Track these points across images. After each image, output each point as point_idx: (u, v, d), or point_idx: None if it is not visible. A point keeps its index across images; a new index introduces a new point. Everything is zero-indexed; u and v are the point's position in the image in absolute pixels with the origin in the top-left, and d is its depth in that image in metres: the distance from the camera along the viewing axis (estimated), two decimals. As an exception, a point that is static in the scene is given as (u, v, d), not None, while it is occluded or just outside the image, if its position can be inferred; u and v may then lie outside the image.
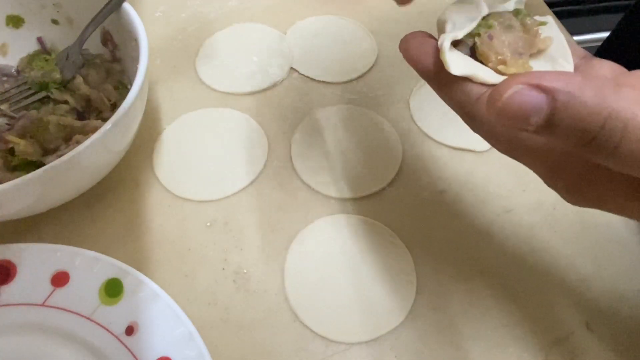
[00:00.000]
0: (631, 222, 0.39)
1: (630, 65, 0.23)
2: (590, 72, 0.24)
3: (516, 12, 0.26)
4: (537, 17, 0.26)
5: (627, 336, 0.35)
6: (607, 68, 0.24)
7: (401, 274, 0.37)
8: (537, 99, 0.19)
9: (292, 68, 0.49)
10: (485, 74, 0.24)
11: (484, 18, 0.26)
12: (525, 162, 0.25)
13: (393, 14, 0.53)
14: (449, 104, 0.26)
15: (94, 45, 0.43)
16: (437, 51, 0.26)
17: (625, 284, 0.37)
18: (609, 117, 0.18)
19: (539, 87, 0.19)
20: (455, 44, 0.26)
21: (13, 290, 0.34)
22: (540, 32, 0.26)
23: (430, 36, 0.27)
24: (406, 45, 0.27)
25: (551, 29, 0.27)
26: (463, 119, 0.26)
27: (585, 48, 0.27)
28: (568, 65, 0.25)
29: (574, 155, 0.23)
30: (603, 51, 0.61)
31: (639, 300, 0.36)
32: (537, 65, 0.25)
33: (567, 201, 0.24)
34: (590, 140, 0.19)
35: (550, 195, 0.41)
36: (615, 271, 0.37)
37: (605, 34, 0.65)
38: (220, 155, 0.43)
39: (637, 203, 0.22)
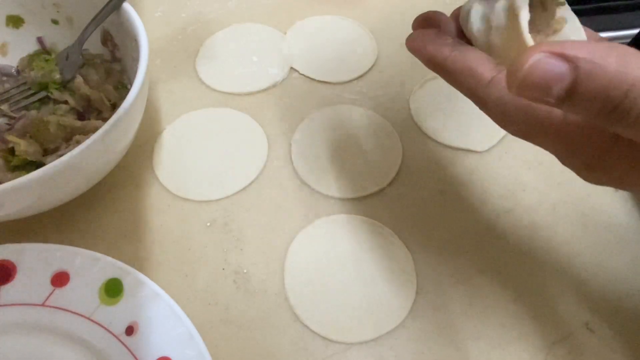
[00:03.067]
0: (632, 222, 0.39)
1: None
2: None
3: None
4: None
5: (627, 336, 0.35)
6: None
7: (401, 274, 0.37)
8: (559, 67, 0.18)
9: (292, 68, 0.49)
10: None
11: None
12: (541, 142, 0.24)
13: (393, 14, 0.53)
14: (460, 90, 0.26)
15: (94, 45, 0.43)
16: (445, 34, 0.26)
17: (625, 284, 0.37)
18: (633, 85, 0.17)
19: (562, 55, 0.18)
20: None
21: (13, 290, 0.34)
22: (556, 11, 0.26)
23: (434, 18, 0.27)
24: (410, 39, 0.27)
25: (565, 9, 0.26)
26: (475, 103, 0.25)
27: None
28: None
29: (592, 131, 0.22)
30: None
31: (639, 300, 0.36)
32: None
33: (585, 179, 0.24)
34: (612, 109, 0.18)
35: (550, 195, 0.41)
36: (615, 271, 0.37)
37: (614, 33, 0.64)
38: (220, 155, 0.43)
39: None
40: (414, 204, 0.40)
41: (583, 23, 0.26)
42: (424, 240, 0.38)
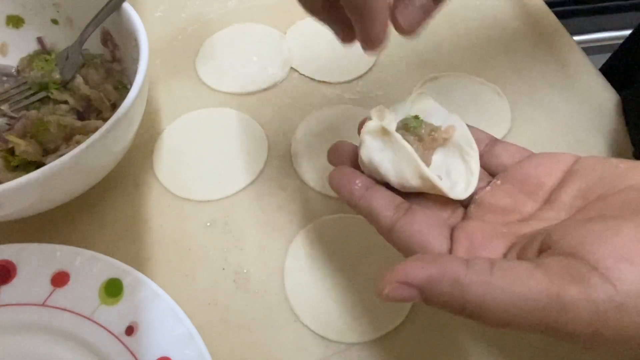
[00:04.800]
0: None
1: None
2: (491, 161, 0.29)
3: (405, 127, 0.29)
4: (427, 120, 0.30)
5: (627, 336, 0.35)
6: (508, 154, 0.29)
7: (401, 274, 0.37)
8: (407, 291, 0.22)
9: (292, 68, 0.49)
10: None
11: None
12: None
13: (393, 14, 0.53)
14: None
15: (94, 45, 0.43)
16: (355, 176, 0.29)
17: (625, 284, 0.37)
18: (465, 306, 0.21)
19: (406, 284, 0.22)
20: None
21: (13, 290, 0.34)
22: (441, 128, 0.30)
23: (342, 148, 0.32)
24: (330, 178, 0.30)
25: (454, 119, 0.30)
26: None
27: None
28: (473, 152, 0.29)
29: None
30: (624, 50, 0.59)
31: (639, 300, 0.36)
32: (446, 153, 0.30)
33: None
34: (460, 313, 0.22)
35: (550, 195, 0.41)
36: (615, 271, 0.37)
37: (614, 33, 0.64)
38: (220, 155, 0.43)
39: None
40: (414, 204, 0.40)
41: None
42: (424, 240, 0.38)
